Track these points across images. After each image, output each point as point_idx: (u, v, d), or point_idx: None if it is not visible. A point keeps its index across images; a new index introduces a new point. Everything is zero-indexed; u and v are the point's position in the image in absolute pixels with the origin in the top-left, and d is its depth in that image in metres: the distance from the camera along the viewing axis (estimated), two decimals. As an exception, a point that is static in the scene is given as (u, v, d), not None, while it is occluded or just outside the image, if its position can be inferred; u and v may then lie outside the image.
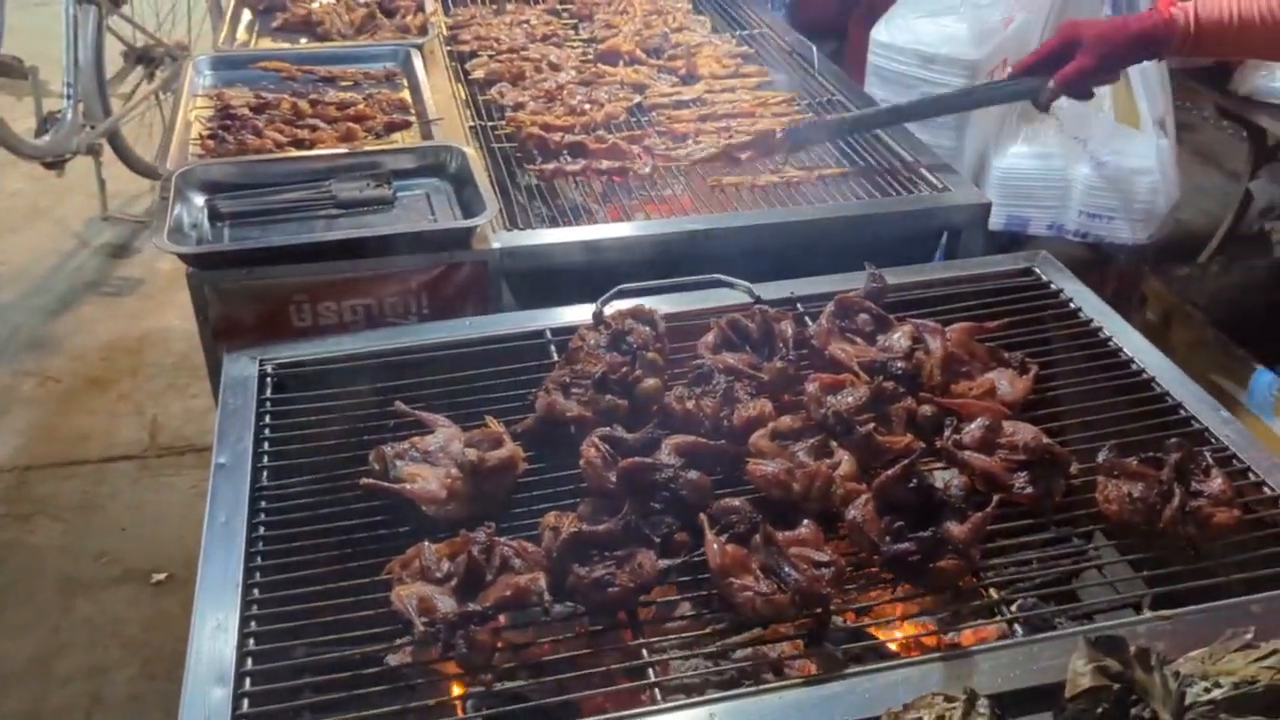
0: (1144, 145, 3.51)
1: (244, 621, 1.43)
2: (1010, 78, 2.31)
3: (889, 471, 1.54)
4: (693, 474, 1.57)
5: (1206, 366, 3.27)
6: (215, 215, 2.22)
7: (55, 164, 4.51)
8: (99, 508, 3.49)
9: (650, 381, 1.74)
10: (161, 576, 3.20)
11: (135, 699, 2.87)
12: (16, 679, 2.89)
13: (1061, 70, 2.30)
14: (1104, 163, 3.48)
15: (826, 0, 5.20)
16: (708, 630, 1.46)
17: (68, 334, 4.32)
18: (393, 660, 1.48)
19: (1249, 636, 1.25)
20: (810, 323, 1.94)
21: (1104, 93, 3.49)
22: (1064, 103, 3.43)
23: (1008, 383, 1.81)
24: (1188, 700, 1.16)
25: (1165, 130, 3.56)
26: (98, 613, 3.11)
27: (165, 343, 4.25)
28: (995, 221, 3.49)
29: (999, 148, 3.55)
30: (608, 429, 1.64)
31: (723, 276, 2.04)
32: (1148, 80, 3.44)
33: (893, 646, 1.59)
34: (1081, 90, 2.37)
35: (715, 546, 1.45)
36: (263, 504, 1.62)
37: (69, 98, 4.52)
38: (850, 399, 1.70)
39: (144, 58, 5.08)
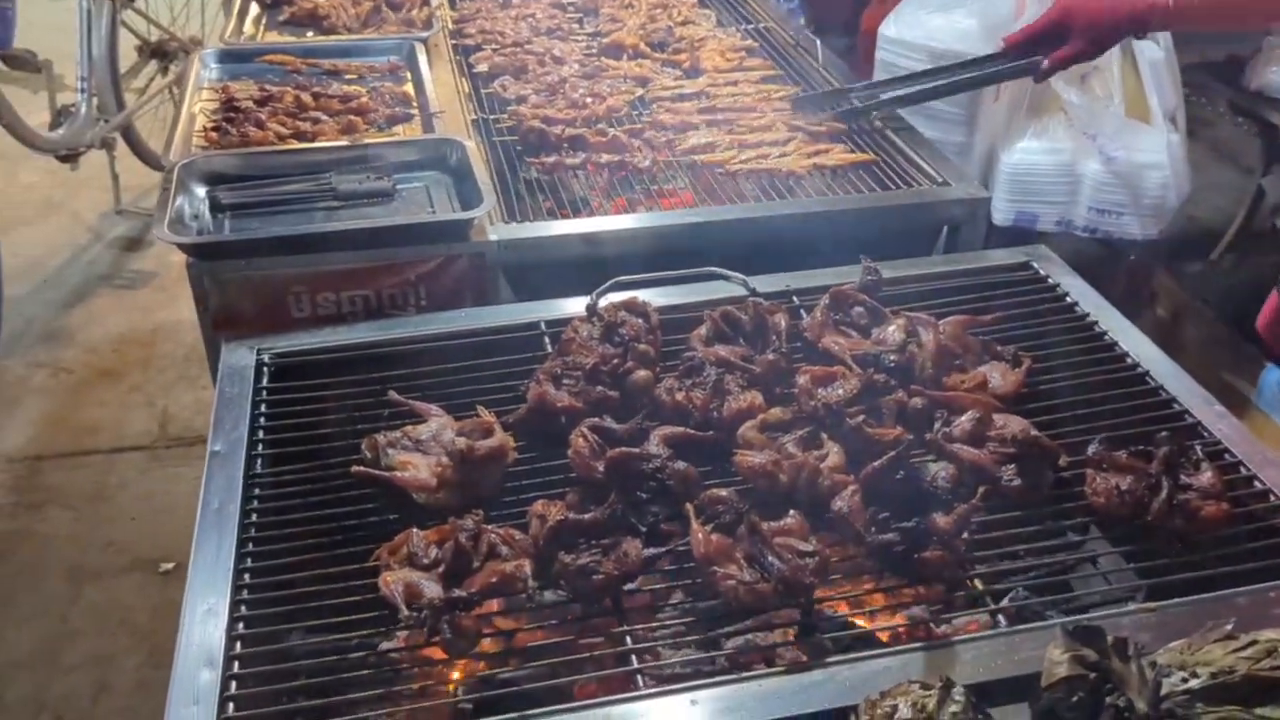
0: (1155, 140, 3.48)
1: (234, 606, 1.44)
2: (1005, 49, 2.54)
3: (876, 463, 1.54)
4: (680, 465, 1.58)
5: (1216, 364, 3.25)
6: (216, 206, 2.24)
7: (69, 157, 4.55)
8: (108, 498, 3.52)
9: (641, 373, 1.75)
10: (169, 566, 3.22)
11: (142, 686, 2.90)
12: (23, 666, 2.92)
13: (1055, 54, 2.46)
14: (1114, 158, 3.46)
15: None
16: (692, 619, 1.47)
17: (80, 326, 4.36)
18: (384, 645, 1.50)
19: (1229, 628, 1.25)
20: (805, 316, 1.94)
21: (1114, 87, 3.48)
22: (1074, 97, 3.44)
23: (1000, 376, 1.81)
24: (1164, 690, 1.16)
25: (1176, 125, 3.54)
26: (106, 601, 3.14)
27: (176, 335, 4.27)
28: (1003, 217, 3.48)
29: (1008, 143, 3.53)
30: (597, 419, 1.65)
31: (718, 269, 2.05)
32: (1158, 75, 3.41)
33: (882, 637, 1.59)
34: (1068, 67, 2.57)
35: (700, 535, 1.46)
36: (256, 491, 1.64)
37: (83, 91, 4.56)
38: (841, 391, 1.71)
39: (158, 52, 5.12)
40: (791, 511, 1.53)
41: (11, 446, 3.71)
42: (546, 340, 1.94)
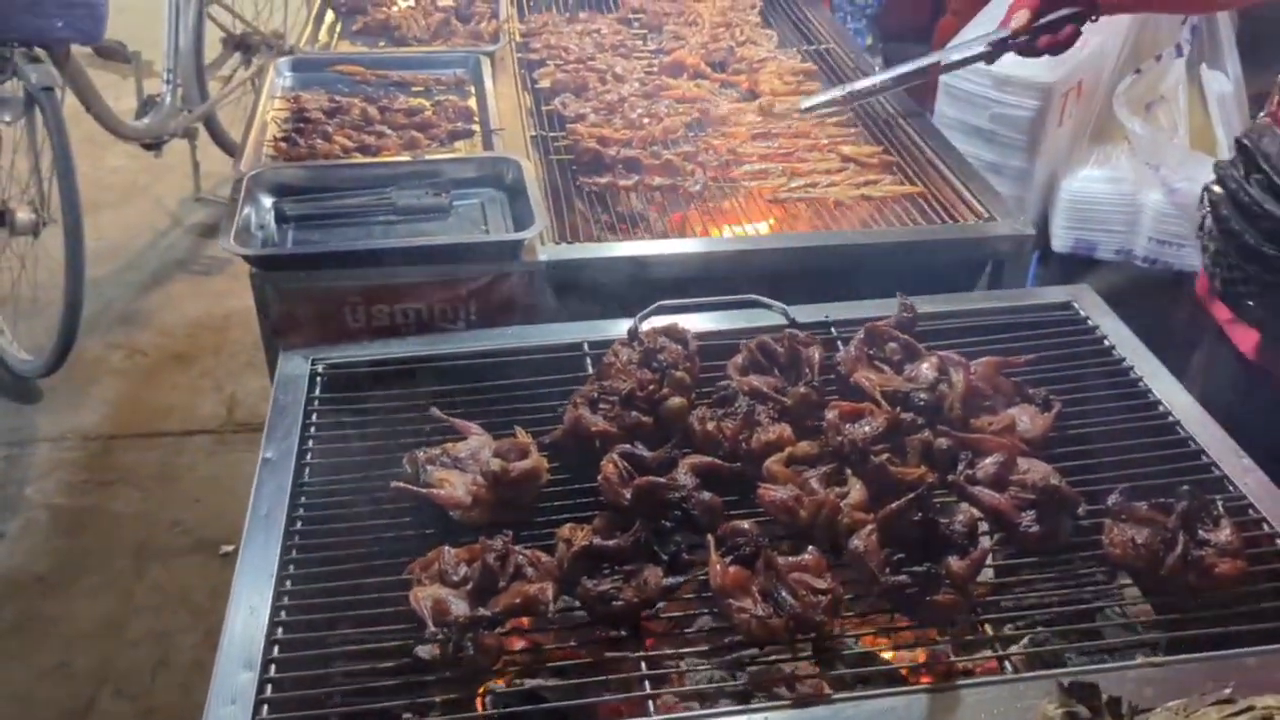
0: (1219, 172, 3.44)
1: (275, 610, 1.54)
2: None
3: (894, 504, 1.58)
4: (705, 495, 1.63)
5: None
6: (281, 218, 2.34)
7: (154, 145, 4.74)
8: (176, 479, 3.67)
9: (675, 400, 1.81)
10: (229, 549, 3.35)
11: (198, 665, 3.03)
12: (90, 637, 3.07)
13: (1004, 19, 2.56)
14: (1176, 189, 3.43)
15: (912, 6, 5.19)
16: (708, 647, 1.53)
17: (157, 309, 4.53)
18: (423, 653, 1.57)
19: (1227, 691, 1.28)
20: (842, 348, 1.98)
21: (1179, 118, 3.45)
22: (1138, 127, 3.41)
23: (1029, 419, 1.83)
24: (1153, 751, 1.19)
25: (1243, 156, 3.48)
26: (168, 580, 3.28)
27: (247, 323, 4.38)
28: (1062, 244, 3.48)
29: (1069, 170, 3.52)
30: (629, 446, 1.71)
31: (760, 297, 2.09)
32: (1225, 108, 3.38)
33: (903, 672, 1.63)
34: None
35: (718, 567, 1.51)
36: (302, 499, 1.72)
37: (169, 82, 4.75)
38: (867, 428, 1.74)
39: (241, 45, 5.28)
40: (810, 548, 1.57)
41: (88, 424, 3.89)
42: (589, 361, 2.00)
